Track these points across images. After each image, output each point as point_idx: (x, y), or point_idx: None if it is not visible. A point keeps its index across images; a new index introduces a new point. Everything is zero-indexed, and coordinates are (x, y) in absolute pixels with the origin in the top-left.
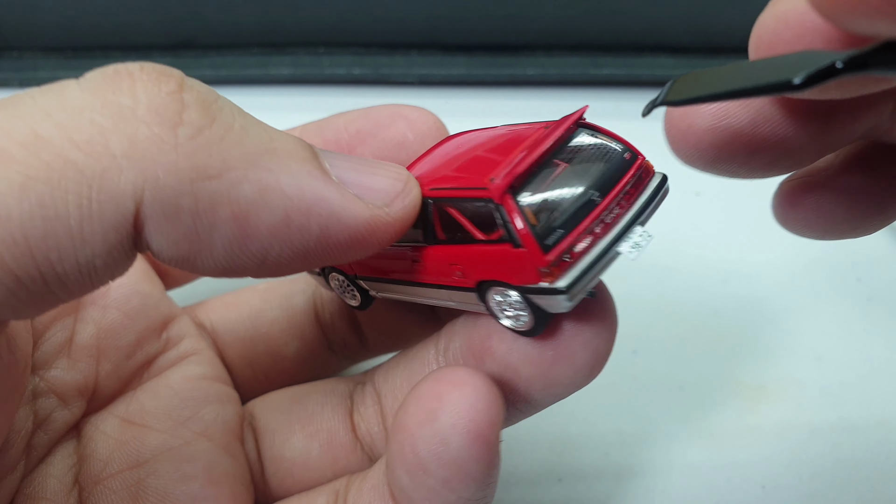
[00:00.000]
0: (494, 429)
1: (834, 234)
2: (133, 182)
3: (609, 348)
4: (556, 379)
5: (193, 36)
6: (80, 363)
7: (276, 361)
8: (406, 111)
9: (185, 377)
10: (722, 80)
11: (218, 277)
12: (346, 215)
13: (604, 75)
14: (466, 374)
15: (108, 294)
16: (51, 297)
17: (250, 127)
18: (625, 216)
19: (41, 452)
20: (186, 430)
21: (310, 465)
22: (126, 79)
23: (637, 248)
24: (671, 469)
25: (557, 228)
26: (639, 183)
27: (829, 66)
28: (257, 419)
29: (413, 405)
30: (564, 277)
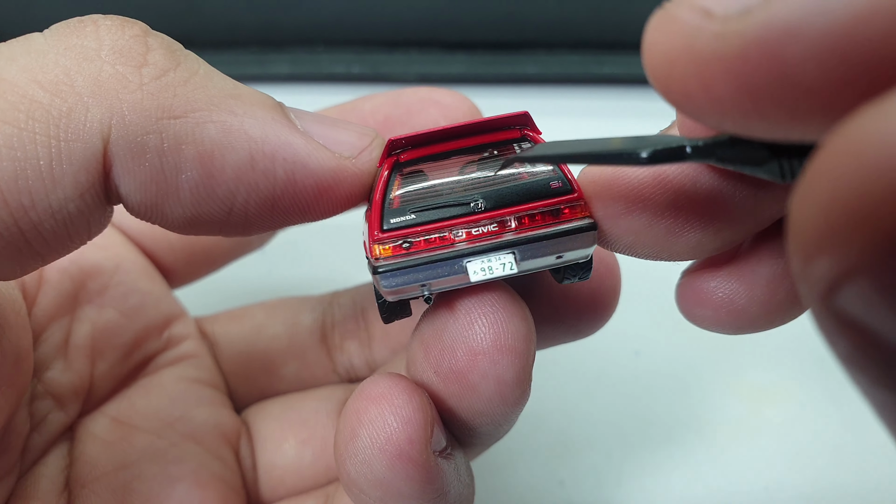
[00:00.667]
0: (416, 445)
1: (748, 329)
2: (100, 120)
3: (517, 374)
4: (473, 410)
5: (191, 33)
6: (75, 364)
7: (271, 380)
8: (438, 95)
9: (179, 378)
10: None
11: (187, 233)
12: (312, 162)
13: (605, 73)
14: (386, 388)
15: (106, 292)
16: (29, 250)
17: (214, 74)
18: (501, 237)
19: (36, 454)
20: (174, 432)
21: (303, 472)
22: (90, 25)
23: (485, 273)
24: (674, 471)
25: (412, 213)
26: (551, 215)
27: (678, 149)
28: (252, 426)
29: (342, 422)
30: (387, 260)
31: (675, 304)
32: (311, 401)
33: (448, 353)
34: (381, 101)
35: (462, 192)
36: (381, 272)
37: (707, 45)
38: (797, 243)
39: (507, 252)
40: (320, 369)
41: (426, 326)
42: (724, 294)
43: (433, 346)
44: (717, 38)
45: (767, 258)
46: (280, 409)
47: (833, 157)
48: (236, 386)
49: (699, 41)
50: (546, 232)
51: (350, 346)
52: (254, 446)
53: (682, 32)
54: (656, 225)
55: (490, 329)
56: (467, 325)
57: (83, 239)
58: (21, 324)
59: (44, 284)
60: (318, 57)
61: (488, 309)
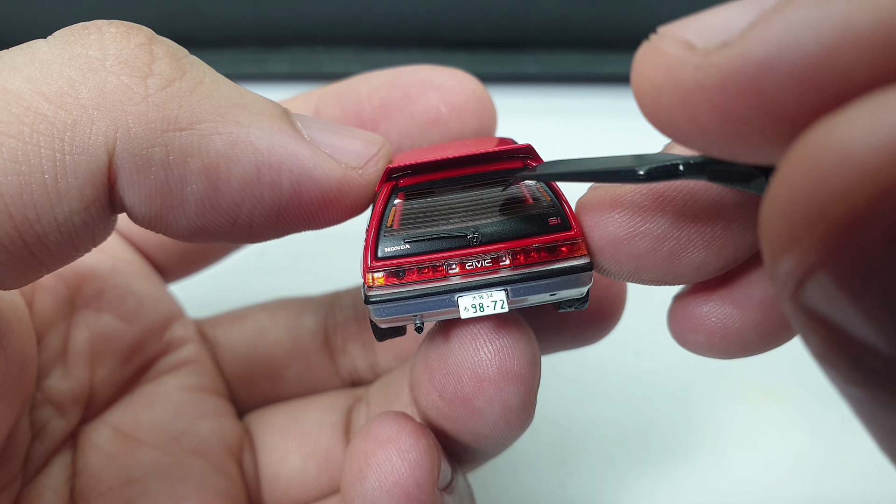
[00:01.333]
0: (423, 488)
1: (741, 353)
2: (105, 132)
3: (522, 400)
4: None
5: (190, 33)
6: (74, 371)
7: (274, 384)
8: (440, 78)
9: (182, 387)
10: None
11: (191, 242)
12: (318, 173)
13: (606, 72)
14: (393, 430)
15: (102, 296)
16: (33, 261)
17: (221, 82)
18: (496, 273)
19: (38, 463)
20: (179, 447)
21: (307, 485)
22: (94, 33)
23: (475, 310)
24: (675, 472)
25: (407, 242)
26: (547, 252)
27: (672, 166)
28: (254, 436)
29: (348, 461)
30: (378, 290)
31: (668, 329)
32: (314, 411)
33: (453, 378)
34: (378, 82)
35: (459, 223)
36: (374, 302)
37: (689, 77)
38: (766, 245)
39: (500, 289)
40: (323, 372)
41: (431, 350)
42: (718, 319)
43: (438, 371)
44: (698, 70)
45: (759, 281)
46: (283, 420)
47: (791, 165)
48: (238, 390)
49: (682, 73)
50: (541, 271)
51: (353, 349)
52: (257, 458)
53: (666, 65)
54: (659, 249)
55: (496, 355)
56: (473, 351)
57: (87, 248)
58: (25, 330)
59: (38, 290)
60: (317, 56)
61: (493, 335)
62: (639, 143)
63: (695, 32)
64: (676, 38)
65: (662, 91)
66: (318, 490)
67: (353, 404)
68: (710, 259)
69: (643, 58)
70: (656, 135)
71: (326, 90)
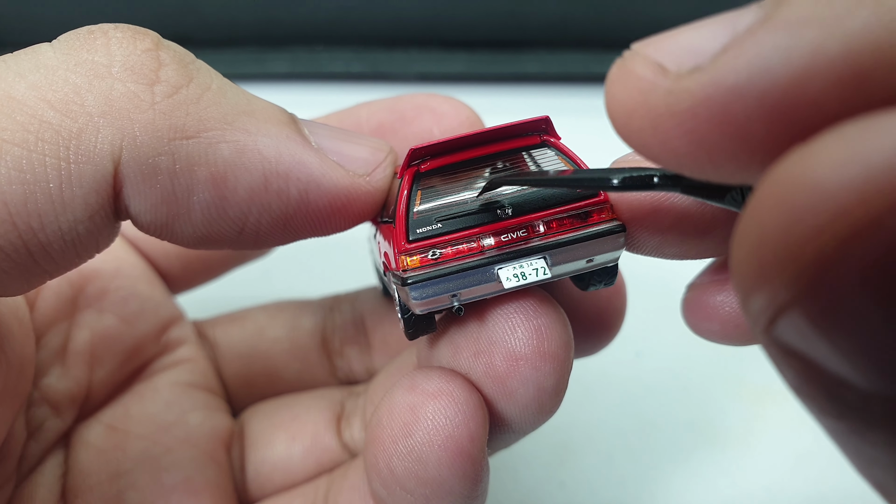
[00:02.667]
0: (476, 443)
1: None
2: (111, 141)
3: (557, 382)
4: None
5: (190, 32)
6: (73, 370)
7: (273, 383)
8: (435, 103)
9: (175, 383)
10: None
11: (197, 249)
12: (326, 181)
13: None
14: (443, 382)
15: (105, 297)
16: (36, 269)
17: (228, 88)
18: (530, 243)
19: (33, 462)
20: (169, 437)
21: (292, 468)
22: (100, 37)
23: (518, 280)
24: (675, 472)
25: (438, 222)
26: (578, 219)
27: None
28: (245, 425)
29: (386, 416)
30: (416, 271)
31: (682, 318)
32: (305, 399)
33: (484, 357)
34: (377, 107)
35: (486, 200)
36: (411, 283)
37: (660, 101)
38: (737, 281)
39: (539, 257)
40: (321, 373)
41: (454, 331)
42: (732, 308)
43: (465, 349)
44: (669, 94)
45: None
46: (273, 408)
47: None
48: (237, 389)
49: (653, 97)
50: (577, 235)
51: (350, 353)
52: (244, 445)
53: (638, 87)
54: (685, 223)
55: (534, 334)
56: (509, 330)
57: (91, 255)
58: (24, 332)
59: (43, 289)
60: (317, 55)
61: (531, 313)
62: None
63: (667, 54)
64: (648, 59)
65: (634, 113)
66: (304, 473)
67: (345, 396)
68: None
69: (616, 78)
70: None
71: (329, 116)
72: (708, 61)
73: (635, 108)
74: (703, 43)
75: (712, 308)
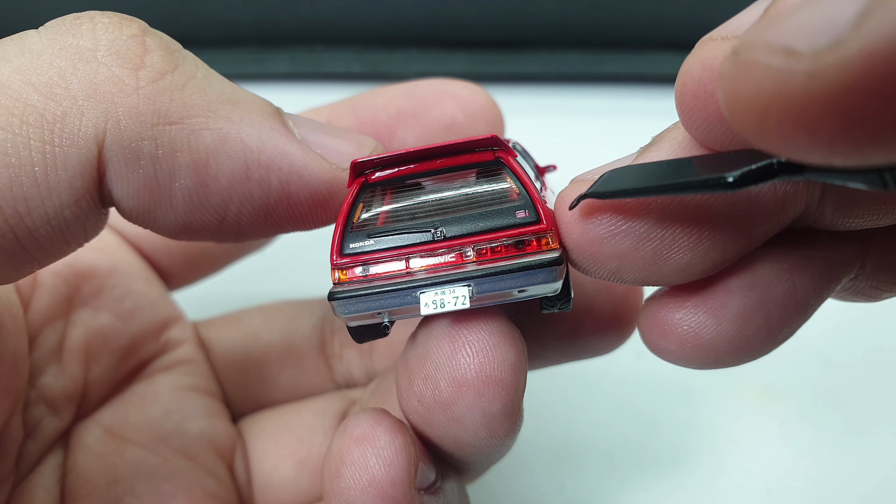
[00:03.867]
0: (398, 486)
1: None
2: (94, 124)
3: (504, 406)
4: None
5: (189, 32)
6: (69, 368)
7: (267, 389)
8: (455, 88)
9: (174, 387)
10: (651, 174)
11: (180, 239)
12: (308, 172)
13: (606, 72)
14: (368, 427)
15: (101, 295)
16: (25, 255)
17: (213, 78)
18: (458, 269)
19: (31, 462)
20: (168, 446)
21: (300, 492)
22: (87, 23)
23: (436, 307)
24: (675, 472)
25: (372, 238)
26: (515, 247)
27: (766, 167)
28: (246, 441)
29: (327, 459)
30: (342, 286)
31: (638, 332)
32: (306, 416)
33: (431, 382)
34: (393, 94)
35: (425, 218)
36: (337, 299)
37: (802, 87)
38: None
39: (462, 285)
40: (318, 378)
41: (411, 352)
42: (690, 327)
43: (417, 375)
44: (811, 77)
45: (738, 291)
46: (275, 425)
47: None
48: (232, 394)
49: (791, 85)
50: (505, 266)
51: (350, 356)
52: (249, 463)
53: (767, 78)
54: (642, 248)
55: (475, 358)
56: (452, 354)
57: (80, 242)
58: (17, 328)
59: (37, 288)
60: (317, 55)
61: (474, 337)
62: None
63: (790, 35)
64: (772, 45)
65: (768, 108)
66: (310, 496)
67: (347, 408)
68: (696, 260)
69: (732, 74)
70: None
71: (339, 104)
72: (849, 31)
73: (770, 102)
74: (832, 14)
75: (669, 325)
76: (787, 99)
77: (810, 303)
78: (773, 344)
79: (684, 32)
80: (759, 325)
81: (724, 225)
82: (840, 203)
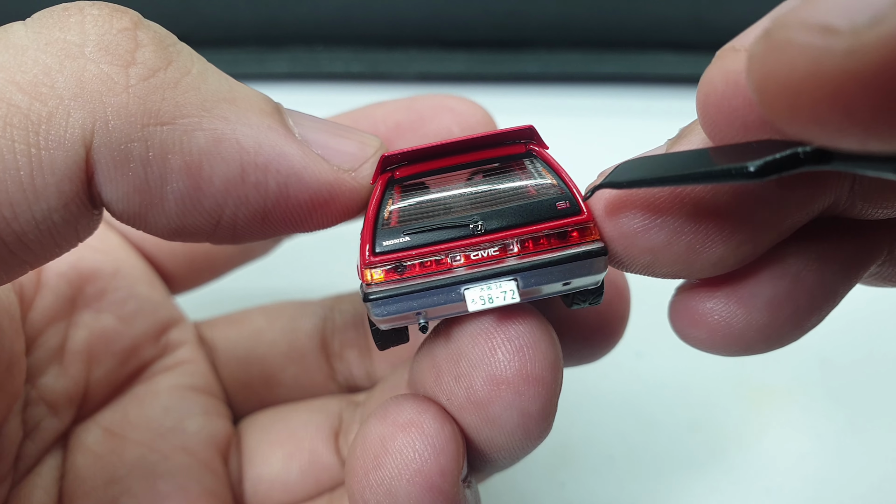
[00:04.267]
0: (448, 477)
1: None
2: (81, 125)
3: (543, 406)
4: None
5: (189, 32)
6: (70, 370)
7: (270, 386)
8: (452, 103)
9: (174, 386)
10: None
11: (173, 240)
12: (307, 175)
13: (606, 72)
14: (414, 413)
15: (104, 297)
16: (14, 259)
17: (209, 73)
18: (503, 263)
19: (29, 463)
20: (166, 443)
21: (290, 486)
22: (75, 14)
23: (483, 303)
24: (675, 473)
25: (406, 235)
26: (558, 238)
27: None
28: (243, 437)
29: (360, 447)
30: (378, 286)
31: (668, 320)
32: (302, 412)
33: (465, 381)
34: (393, 107)
35: (461, 212)
36: (373, 300)
37: (840, 65)
38: None
39: (509, 279)
40: (320, 376)
41: (438, 349)
42: (721, 317)
43: (446, 372)
44: (850, 55)
45: (768, 280)
46: (270, 421)
47: None
48: (235, 393)
49: (828, 63)
50: (552, 257)
51: (350, 356)
52: (242, 458)
53: (803, 56)
54: (676, 242)
55: (515, 356)
56: (489, 351)
57: (72, 243)
58: (14, 328)
59: (42, 288)
60: (317, 55)
61: (512, 333)
62: (639, 143)
63: (830, 13)
64: (807, 23)
65: (802, 88)
66: (302, 492)
67: (345, 407)
68: (728, 254)
69: (766, 56)
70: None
71: (341, 116)
72: (891, 7)
73: (804, 83)
74: None
75: (700, 315)
76: (824, 78)
77: (839, 290)
78: (802, 331)
79: (684, 32)
80: (788, 314)
81: (755, 217)
82: (870, 193)
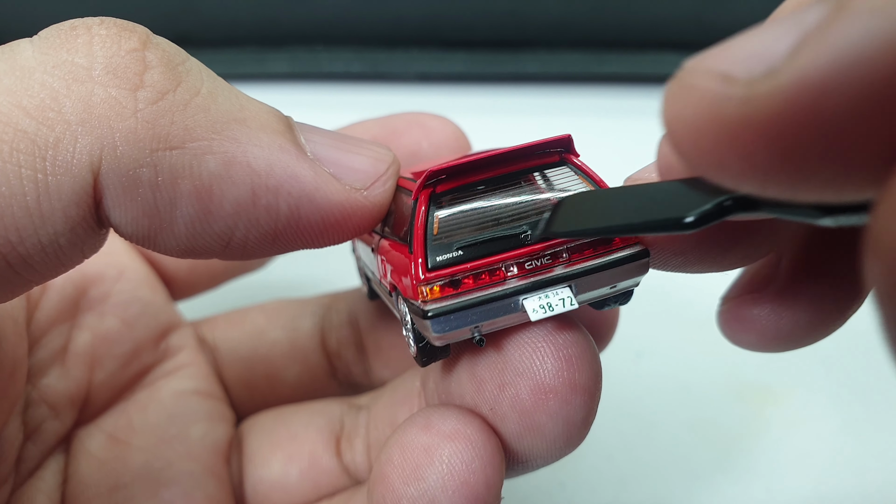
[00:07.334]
0: (492, 490)
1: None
2: (89, 151)
3: (586, 415)
4: (531, 451)
5: (189, 32)
6: (73, 371)
7: (274, 385)
8: (425, 119)
9: (177, 391)
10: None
11: (182, 258)
12: (319, 196)
13: (606, 72)
14: (460, 423)
15: (107, 300)
16: (18, 280)
17: (219, 92)
18: (554, 270)
19: (31, 465)
20: (170, 450)
21: (289, 489)
22: (83, 34)
23: (544, 311)
24: (675, 473)
25: (458, 249)
26: (602, 244)
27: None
28: (244, 438)
29: (397, 455)
30: (436, 302)
31: (718, 328)
32: (303, 414)
33: (510, 390)
34: (371, 124)
35: (507, 224)
36: (433, 316)
37: (736, 112)
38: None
39: (565, 286)
40: (321, 374)
41: (474, 360)
42: (769, 321)
43: (489, 381)
44: (745, 103)
45: (808, 277)
46: (272, 422)
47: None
48: (239, 393)
49: (726, 109)
50: (602, 262)
51: (347, 354)
52: (243, 459)
53: (704, 102)
54: (705, 244)
55: (564, 365)
56: (537, 361)
57: (77, 262)
58: (18, 333)
59: (47, 290)
60: (317, 55)
61: (560, 342)
62: (639, 143)
63: (731, 62)
64: (709, 70)
65: (703, 131)
66: (300, 495)
67: (346, 411)
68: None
69: (674, 96)
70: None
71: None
72: (782, 61)
73: (705, 126)
74: (769, 46)
75: (749, 321)
76: (723, 123)
77: None
78: (844, 319)
79: (684, 32)
80: (831, 308)
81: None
82: None
